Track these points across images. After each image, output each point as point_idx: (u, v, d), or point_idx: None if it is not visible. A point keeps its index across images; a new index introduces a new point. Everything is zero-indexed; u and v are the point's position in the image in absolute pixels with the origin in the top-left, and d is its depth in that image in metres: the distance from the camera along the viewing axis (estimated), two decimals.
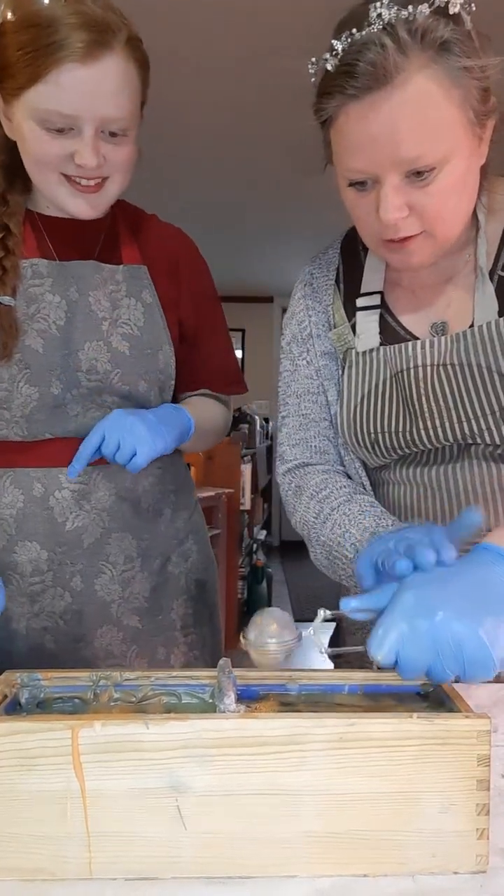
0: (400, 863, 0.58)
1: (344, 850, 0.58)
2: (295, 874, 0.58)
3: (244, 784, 0.57)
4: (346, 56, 0.75)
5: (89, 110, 0.90)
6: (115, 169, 0.96)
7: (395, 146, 0.75)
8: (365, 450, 0.95)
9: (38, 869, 0.57)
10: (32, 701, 0.68)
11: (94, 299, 1.03)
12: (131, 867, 0.58)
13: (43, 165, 0.94)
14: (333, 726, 0.57)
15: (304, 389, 1.02)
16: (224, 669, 0.66)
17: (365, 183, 0.80)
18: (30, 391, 1.00)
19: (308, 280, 1.03)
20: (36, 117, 0.90)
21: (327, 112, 0.79)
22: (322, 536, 0.93)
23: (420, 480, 0.93)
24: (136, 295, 1.07)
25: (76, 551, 1.05)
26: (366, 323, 0.95)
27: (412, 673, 0.62)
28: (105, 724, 0.57)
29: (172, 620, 1.15)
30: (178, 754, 0.57)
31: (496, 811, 0.62)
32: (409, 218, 0.80)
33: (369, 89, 0.74)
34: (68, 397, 1.02)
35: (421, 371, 0.89)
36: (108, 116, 0.91)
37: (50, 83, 0.88)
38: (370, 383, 0.94)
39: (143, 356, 1.06)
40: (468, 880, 0.58)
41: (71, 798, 0.57)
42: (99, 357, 1.02)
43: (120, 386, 1.04)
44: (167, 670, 0.71)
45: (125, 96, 0.92)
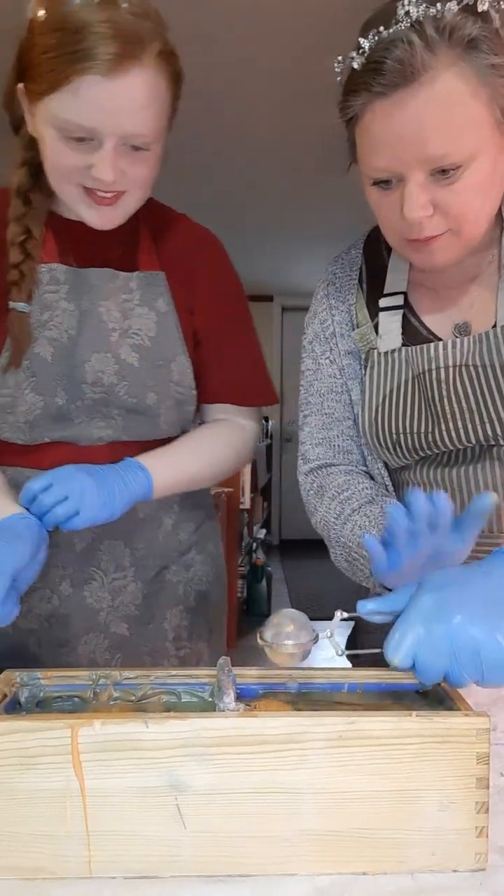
0: (399, 861, 0.58)
1: (343, 849, 0.58)
2: (294, 872, 0.58)
3: (244, 783, 0.57)
4: (373, 54, 0.75)
5: (110, 125, 0.85)
6: (133, 184, 0.92)
7: (421, 144, 0.75)
8: (386, 450, 0.95)
9: (38, 868, 0.57)
10: (32, 700, 0.68)
11: (104, 309, 1.00)
12: (131, 866, 0.58)
13: (60, 174, 0.91)
14: (333, 725, 0.57)
15: (327, 388, 1.01)
16: (223, 668, 0.66)
17: (389, 182, 0.80)
18: (34, 399, 0.98)
19: (331, 280, 1.03)
20: (55, 125, 0.86)
21: (353, 110, 0.79)
22: (342, 537, 0.92)
23: (441, 481, 0.93)
24: (150, 304, 1.03)
25: (68, 555, 1.03)
26: (389, 323, 0.95)
27: (430, 677, 0.61)
28: (105, 722, 0.57)
29: (164, 631, 1.10)
30: (178, 753, 0.57)
31: (495, 809, 0.62)
32: (434, 216, 0.79)
33: (396, 86, 0.74)
34: (73, 408, 0.99)
35: (443, 372, 0.89)
36: (131, 133, 0.86)
37: (71, 93, 0.83)
38: (392, 384, 0.93)
39: (154, 367, 1.02)
40: (467, 878, 0.58)
41: (71, 797, 0.57)
42: (105, 369, 0.99)
43: (126, 399, 1.01)
44: (167, 669, 0.71)
45: (150, 112, 0.87)
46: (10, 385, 0.97)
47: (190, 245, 1.08)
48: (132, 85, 0.84)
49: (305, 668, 0.71)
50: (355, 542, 0.89)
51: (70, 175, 0.90)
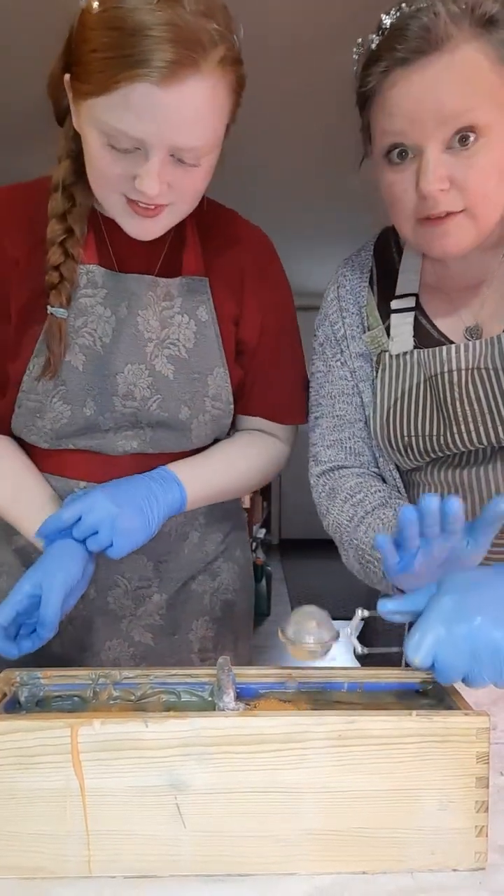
0: (399, 860, 0.58)
1: (343, 848, 0.58)
2: (294, 872, 0.58)
3: (244, 782, 0.57)
4: (397, 23, 0.77)
5: (160, 137, 0.78)
6: (179, 197, 0.85)
7: (439, 104, 0.76)
8: (397, 453, 0.95)
9: (38, 867, 0.57)
10: (32, 699, 0.68)
11: (142, 319, 0.94)
12: (131, 865, 0.58)
13: (104, 181, 0.84)
14: (333, 724, 0.57)
15: (338, 391, 1.01)
16: (223, 667, 0.66)
17: (403, 155, 0.80)
18: (62, 409, 0.94)
19: (341, 282, 1.02)
20: (100, 129, 0.79)
21: (373, 79, 0.79)
22: (355, 540, 0.92)
23: (452, 482, 0.93)
24: (191, 312, 0.97)
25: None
26: (400, 325, 0.95)
27: (449, 677, 0.61)
28: (104, 722, 0.57)
29: (189, 642, 1.07)
30: (178, 752, 0.57)
31: (495, 808, 0.62)
32: (450, 192, 0.79)
33: (419, 52, 0.75)
34: (101, 419, 0.95)
35: (456, 375, 0.89)
36: (181, 146, 0.79)
37: (119, 99, 0.76)
38: (404, 386, 0.93)
39: (189, 381, 0.97)
40: (467, 877, 0.58)
41: (70, 796, 0.57)
42: (138, 382, 0.95)
43: (158, 413, 0.96)
44: (166, 668, 0.71)
45: (205, 125, 0.80)
46: (39, 391, 0.94)
47: (237, 247, 1.01)
48: (188, 96, 0.76)
49: (305, 667, 0.71)
50: (368, 544, 0.89)
51: (113, 184, 0.83)
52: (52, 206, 0.90)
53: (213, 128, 0.82)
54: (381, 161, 0.83)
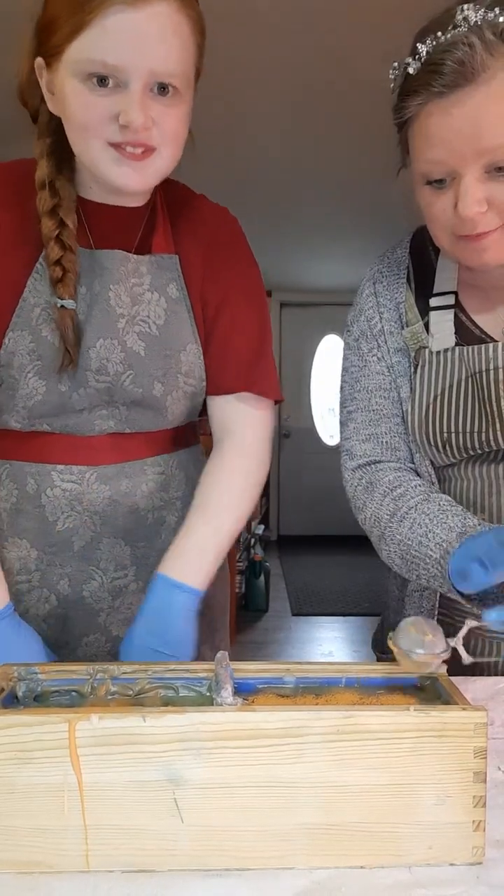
0: (396, 854, 0.58)
1: (341, 842, 0.58)
2: (292, 866, 0.58)
3: (241, 777, 0.57)
4: (431, 56, 0.77)
5: (137, 59, 0.81)
6: (164, 139, 0.86)
7: (477, 137, 0.76)
8: (435, 449, 0.95)
9: (36, 862, 0.58)
10: (29, 694, 0.68)
11: (114, 294, 0.95)
12: (128, 860, 0.58)
13: (86, 131, 0.85)
14: (330, 719, 0.57)
15: (375, 385, 1.01)
16: (221, 663, 0.66)
17: (443, 181, 0.81)
18: (37, 384, 0.95)
19: (377, 278, 1.03)
20: (79, 72, 0.82)
21: (410, 111, 0.80)
22: (398, 535, 0.91)
23: (485, 476, 0.94)
24: (161, 289, 0.99)
25: (66, 553, 1.01)
26: (440, 322, 0.95)
27: None
28: (102, 717, 0.57)
29: None
30: (176, 747, 0.57)
31: (492, 803, 0.62)
32: (488, 213, 0.80)
33: (456, 86, 0.76)
34: (75, 396, 0.96)
35: (500, 373, 0.89)
36: (157, 69, 0.82)
37: (95, 30, 0.80)
38: (445, 383, 0.93)
39: (161, 357, 0.98)
40: (464, 872, 0.58)
41: (68, 791, 0.57)
42: (111, 357, 0.96)
43: (132, 388, 0.97)
44: (164, 663, 0.71)
45: (176, 48, 0.84)
46: (14, 366, 0.95)
47: (204, 226, 1.03)
48: (156, 15, 0.81)
49: (303, 662, 0.71)
50: (416, 540, 0.89)
51: (97, 128, 0.85)
52: (41, 204, 0.91)
53: (184, 56, 0.85)
54: (419, 180, 0.84)
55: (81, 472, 1.00)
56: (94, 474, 1.00)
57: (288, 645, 4.00)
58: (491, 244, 0.83)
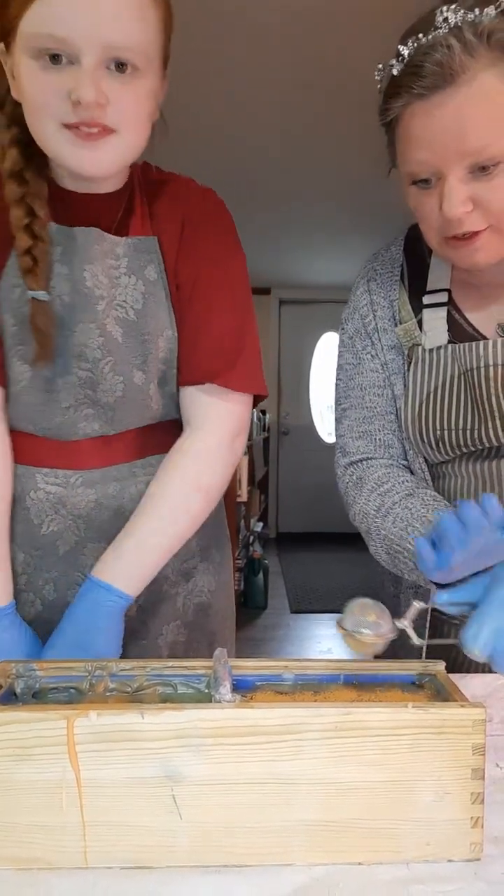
0: (395, 851, 0.58)
1: (339, 839, 0.58)
2: (290, 862, 0.58)
3: (240, 773, 0.57)
4: (412, 59, 0.77)
5: (88, 31, 0.75)
6: (121, 117, 0.81)
7: (460, 138, 0.76)
8: (428, 446, 0.95)
9: (34, 858, 0.58)
10: (28, 691, 0.68)
11: (90, 274, 0.91)
12: (127, 856, 0.58)
13: (39, 111, 0.81)
14: (329, 716, 0.57)
15: (369, 382, 1.01)
16: (220, 660, 0.66)
17: (429, 181, 0.81)
18: (21, 368, 0.92)
19: (371, 276, 1.03)
20: (29, 48, 0.78)
21: (393, 112, 0.80)
22: (383, 530, 0.92)
23: (480, 473, 0.94)
24: (139, 272, 0.94)
25: (51, 558, 0.97)
26: (433, 320, 0.95)
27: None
28: (100, 713, 0.57)
29: (159, 647, 1.02)
30: (174, 744, 0.57)
31: (491, 800, 0.62)
32: (474, 213, 0.80)
33: (436, 88, 0.76)
34: (59, 384, 0.93)
35: (492, 370, 0.90)
36: (112, 42, 0.76)
37: (42, 4, 0.75)
38: (437, 380, 0.94)
39: (139, 343, 0.94)
40: (462, 868, 0.58)
41: (66, 787, 0.57)
42: (88, 342, 0.92)
43: (112, 377, 0.93)
44: (163, 660, 0.71)
45: (135, 22, 0.78)
46: (3, 351, 0.92)
47: (180, 204, 0.98)
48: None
49: (301, 659, 0.71)
50: (397, 535, 0.89)
51: (50, 108, 0.80)
52: (9, 194, 0.88)
53: (143, 28, 0.79)
54: (406, 180, 0.84)
55: (66, 476, 0.97)
56: (79, 478, 0.97)
57: (286, 642, 4.00)
58: (480, 245, 0.83)
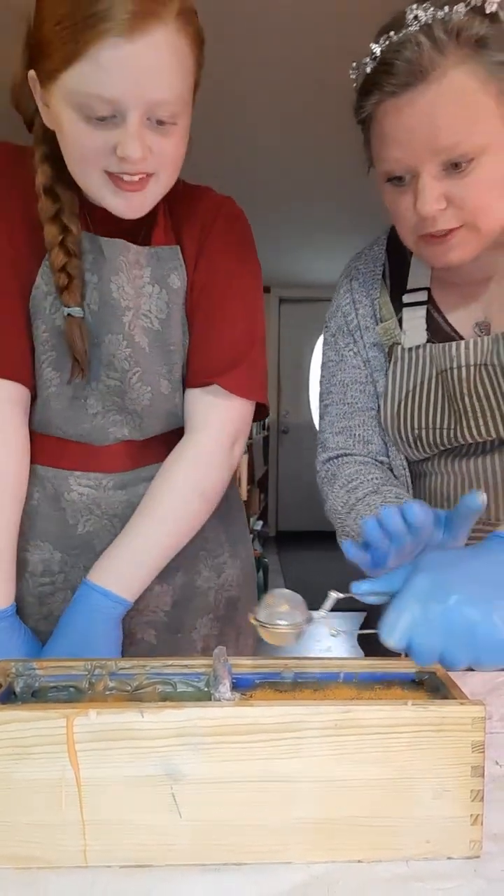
0: (394, 848, 0.58)
1: (339, 837, 0.58)
2: (290, 860, 0.58)
3: (239, 771, 0.57)
4: (384, 56, 0.77)
5: (134, 93, 0.77)
6: (161, 164, 0.84)
7: (432, 136, 0.76)
8: (407, 445, 0.96)
9: (34, 857, 0.58)
10: (27, 690, 0.68)
11: (115, 285, 0.92)
12: (126, 855, 0.58)
13: (84, 162, 0.83)
14: (328, 713, 0.57)
15: (351, 379, 1.02)
16: (219, 658, 0.66)
17: (403, 179, 0.81)
18: (51, 375, 0.94)
19: (354, 275, 1.03)
20: (74, 104, 0.79)
21: (366, 110, 0.81)
22: (347, 526, 0.93)
23: (459, 471, 0.94)
24: (162, 281, 0.95)
25: (89, 555, 0.98)
26: (413, 319, 0.96)
27: (425, 658, 0.60)
28: (100, 712, 0.57)
29: (193, 641, 1.05)
30: (174, 742, 0.57)
31: (490, 797, 0.62)
32: (448, 210, 0.80)
33: (406, 86, 0.76)
34: (88, 391, 0.95)
35: (465, 371, 0.90)
36: (156, 99, 0.79)
37: (89, 62, 0.76)
38: (416, 380, 0.94)
39: (165, 353, 0.96)
40: (462, 865, 0.58)
41: (66, 786, 0.57)
42: (117, 353, 0.93)
43: (140, 387, 0.95)
44: (162, 659, 0.71)
45: (176, 75, 0.80)
46: (35, 356, 0.93)
47: (200, 214, 0.99)
48: (155, 44, 0.77)
49: (301, 657, 0.71)
50: (357, 531, 0.90)
51: (94, 159, 0.82)
52: (43, 211, 0.89)
53: (183, 80, 0.82)
54: (381, 178, 0.84)
55: (98, 479, 0.99)
56: (110, 481, 0.99)
57: None
58: (454, 243, 0.83)
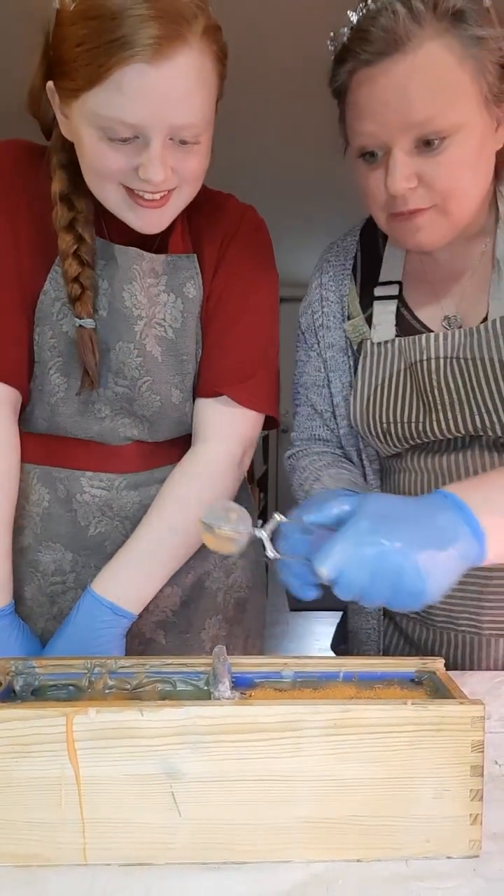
0: (394, 848, 0.58)
1: (338, 836, 0.58)
2: (289, 859, 0.58)
3: (239, 770, 0.57)
4: (360, 24, 0.77)
5: (158, 118, 0.76)
6: (184, 180, 0.83)
7: (405, 110, 0.75)
8: (377, 439, 0.96)
9: (33, 855, 0.58)
10: (27, 688, 0.68)
11: (128, 294, 0.92)
12: (126, 853, 0.58)
13: (102, 178, 0.82)
14: (328, 713, 0.57)
15: (311, 381, 1.05)
16: (219, 657, 0.66)
17: (375, 155, 0.80)
18: (59, 381, 0.93)
19: (325, 269, 1.04)
20: (96, 124, 0.77)
21: (340, 78, 0.80)
22: None
23: (430, 468, 0.94)
24: (177, 290, 0.95)
25: (100, 556, 0.98)
26: (382, 314, 0.96)
27: (347, 592, 0.63)
28: (99, 710, 0.57)
29: (202, 641, 1.05)
30: (173, 741, 0.57)
31: (489, 797, 0.62)
32: (419, 189, 0.79)
33: (381, 54, 0.75)
34: (95, 396, 0.94)
35: (434, 363, 0.90)
36: (180, 124, 0.77)
37: (112, 87, 0.74)
38: (385, 373, 0.94)
39: (178, 362, 0.95)
40: (461, 865, 0.58)
41: (66, 784, 0.57)
42: (127, 361, 0.93)
43: (150, 395, 0.95)
44: (162, 658, 0.71)
45: (200, 98, 0.79)
46: (40, 362, 0.93)
47: (224, 222, 0.98)
48: (180, 70, 0.75)
49: (301, 656, 0.71)
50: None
51: (116, 177, 0.81)
52: (58, 219, 0.88)
53: (208, 101, 0.81)
54: (354, 153, 0.83)
55: (111, 480, 0.99)
56: (123, 481, 0.99)
57: (285, 639, 4.00)
58: (424, 224, 0.82)
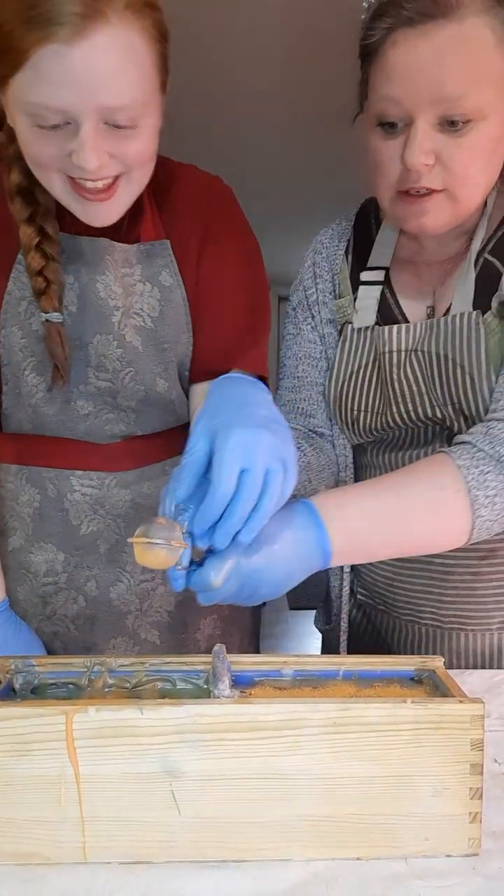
0: (393, 846, 0.58)
1: (338, 834, 0.58)
2: (289, 858, 0.58)
3: (238, 769, 0.57)
4: None
5: (83, 101, 0.71)
6: (127, 161, 0.78)
7: (439, 80, 0.74)
8: (346, 426, 0.97)
9: (33, 853, 0.58)
10: (27, 686, 0.68)
11: (102, 285, 0.90)
12: (126, 851, 0.58)
13: (41, 167, 0.79)
14: (328, 711, 0.57)
15: (304, 353, 1.02)
16: (219, 655, 0.66)
17: (395, 126, 0.78)
18: (35, 381, 0.92)
19: (318, 248, 1.04)
20: (25, 111, 0.73)
21: (377, 34, 0.77)
22: None
23: (395, 464, 0.96)
24: (153, 279, 0.92)
25: (93, 556, 0.99)
26: (366, 299, 0.96)
27: (212, 598, 0.66)
28: (99, 709, 0.57)
29: (197, 641, 1.05)
30: (173, 739, 0.57)
31: (489, 795, 0.62)
32: (434, 168, 0.78)
33: (426, 16, 0.73)
34: (76, 393, 0.93)
35: (396, 356, 0.91)
36: (109, 106, 0.72)
37: (28, 71, 0.70)
38: (357, 362, 0.95)
39: (160, 351, 0.94)
40: (460, 863, 0.58)
41: (65, 783, 0.57)
42: (108, 353, 0.91)
43: (133, 386, 0.93)
44: (161, 656, 0.71)
45: (129, 79, 0.73)
46: (12, 362, 0.91)
47: (195, 201, 0.95)
48: (101, 50, 0.70)
49: (300, 654, 0.71)
50: None
51: (53, 165, 0.77)
52: (17, 213, 0.86)
53: (138, 82, 0.74)
54: (371, 122, 0.81)
55: (101, 478, 0.98)
56: (113, 479, 0.99)
57: (285, 638, 4.00)
58: (430, 208, 0.81)
